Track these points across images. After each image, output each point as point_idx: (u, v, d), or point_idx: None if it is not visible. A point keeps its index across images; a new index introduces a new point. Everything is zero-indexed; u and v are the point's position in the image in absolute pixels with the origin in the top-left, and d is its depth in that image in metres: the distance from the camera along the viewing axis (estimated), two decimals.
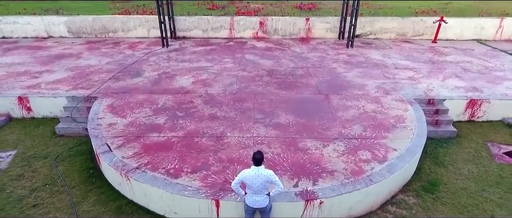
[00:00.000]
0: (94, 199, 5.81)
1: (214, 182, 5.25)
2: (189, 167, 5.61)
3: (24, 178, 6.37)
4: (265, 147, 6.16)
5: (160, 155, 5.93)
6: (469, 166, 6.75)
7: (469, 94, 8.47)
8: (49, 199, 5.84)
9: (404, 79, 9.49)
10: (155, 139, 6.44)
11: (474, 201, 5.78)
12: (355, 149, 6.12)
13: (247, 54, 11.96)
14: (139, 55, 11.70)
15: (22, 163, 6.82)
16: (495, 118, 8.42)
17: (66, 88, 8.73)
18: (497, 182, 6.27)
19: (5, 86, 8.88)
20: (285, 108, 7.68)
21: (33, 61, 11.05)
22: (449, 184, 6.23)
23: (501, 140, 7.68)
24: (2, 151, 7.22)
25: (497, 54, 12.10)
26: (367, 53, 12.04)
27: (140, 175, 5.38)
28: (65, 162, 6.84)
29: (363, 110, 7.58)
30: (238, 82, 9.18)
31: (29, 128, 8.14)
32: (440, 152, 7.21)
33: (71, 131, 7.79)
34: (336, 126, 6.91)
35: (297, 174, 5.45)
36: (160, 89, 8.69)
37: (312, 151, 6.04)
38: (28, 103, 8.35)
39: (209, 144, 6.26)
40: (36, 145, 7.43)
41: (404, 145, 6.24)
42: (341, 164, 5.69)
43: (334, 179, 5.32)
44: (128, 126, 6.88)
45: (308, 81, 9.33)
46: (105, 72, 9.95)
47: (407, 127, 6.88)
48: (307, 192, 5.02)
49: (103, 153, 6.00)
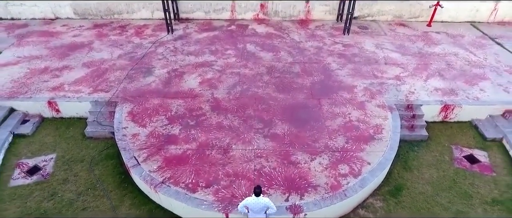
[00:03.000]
0: (129, 203, 7.39)
1: (223, 196, 6.75)
2: (203, 181, 7.06)
3: (69, 182, 7.90)
4: (263, 161, 7.54)
5: (179, 169, 7.35)
6: (431, 170, 8.20)
7: (445, 98, 9.58)
8: (94, 202, 7.43)
9: (391, 79, 10.48)
10: (173, 151, 7.80)
11: (427, 205, 7.35)
12: (336, 162, 7.51)
13: (248, 43, 12.70)
14: (147, 45, 12.48)
15: (64, 166, 8.30)
16: (465, 119, 9.64)
17: (87, 91, 9.84)
18: (450, 186, 7.78)
19: (33, 88, 9.97)
20: (281, 116, 8.88)
21: (50, 54, 11.89)
22: (411, 188, 7.75)
23: (465, 143, 9.02)
24: (44, 154, 8.66)
25: (485, 44, 12.79)
26: (362, 43, 12.75)
27: (166, 189, 6.87)
28: (99, 166, 8.32)
29: (348, 118, 8.79)
30: (241, 83, 10.21)
31: (61, 129, 9.46)
32: (410, 155, 8.61)
33: (98, 134, 9.13)
34: (324, 137, 8.20)
35: (288, 188, 6.92)
36: (171, 92, 9.79)
37: (302, 165, 7.44)
38: (56, 106, 9.55)
39: (218, 157, 7.63)
40: (71, 148, 8.83)
41: (377, 158, 7.61)
42: (324, 178, 7.13)
43: (317, 193, 6.80)
44: (149, 137, 8.19)
45: (303, 81, 10.34)
46: (119, 70, 10.92)
47: (383, 138, 8.17)
48: (295, 206, 6.53)
49: (133, 166, 7.42)
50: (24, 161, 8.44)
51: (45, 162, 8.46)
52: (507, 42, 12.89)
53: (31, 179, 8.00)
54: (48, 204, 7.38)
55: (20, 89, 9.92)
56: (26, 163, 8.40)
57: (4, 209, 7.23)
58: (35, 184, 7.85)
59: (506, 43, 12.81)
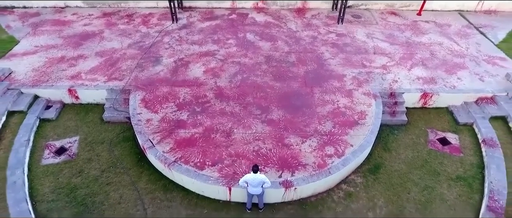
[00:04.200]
0: (146, 179, 8.65)
1: (227, 173, 7.98)
2: (209, 160, 8.28)
3: (93, 161, 9.13)
4: (261, 143, 8.72)
5: (188, 150, 8.54)
6: (407, 151, 9.40)
7: (425, 86, 10.64)
8: (116, 178, 8.68)
9: (378, 68, 11.48)
10: (182, 135, 8.97)
11: (400, 181, 8.60)
12: (324, 144, 8.69)
13: (248, 32, 13.59)
14: (154, 35, 13.39)
15: (87, 147, 9.51)
16: (442, 105, 10.73)
17: (103, 79, 10.90)
18: (422, 165, 9.00)
19: (53, 77, 11.03)
20: (277, 103, 9.99)
21: (64, 43, 12.84)
22: (388, 167, 8.98)
23: (440, 127, 10.17)
24: (69, 137, 9.85)
25: (469, 33, 13.67)
26: (354, 32, 13.64)
27: (178, 167, 8.09)
28: (117, 147, 9.52)
29: (336, 105, 9.90)
30: (241, 72, 11.24)
31: (81, 114, 10.60)
32: (390, 138, 9.79)
33: (115, 119, 10.27)
34: (314, 122, 9.34)
35: (281, 167, 8.14)
36: (178, 80, 10.85)
37: (294, 147, 8.63)
38: (76, 93, 10.64)
39: (221, 140, 8.81)
40: (91, 131, 10.01)
41: (359, 141, 8.78)
42: (312, 158, 8.33)
43: (306, 171, 8.03)
44: (161, 122, 9.33)
45: (298, 70, 11.36)
46: (129, 59, 11.92)
47: (365, 123, 9.31)
48: (287, 182, 7.77)
49: (149, 148, 8.61)
50: (52, 142, 9.65)
51: (70, 143, 9.66)
52: (490, 31, 13.77)
53: (59, 158, 9.23)
54: (76, 179, 8.65)
55: (41, 78, 10.99)
56: (54, 144, 9.61)
57: (41, 184, 8.50)
58: (63, 163, 9.09)
59: (489, 32, 13.70)
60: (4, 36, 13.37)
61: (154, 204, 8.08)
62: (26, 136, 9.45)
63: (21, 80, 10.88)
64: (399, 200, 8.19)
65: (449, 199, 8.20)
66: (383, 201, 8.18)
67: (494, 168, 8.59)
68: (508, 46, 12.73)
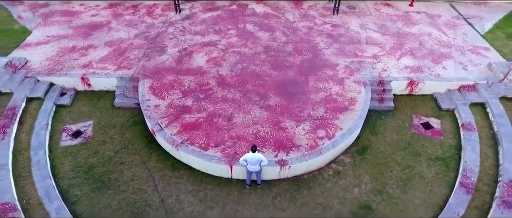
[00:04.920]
0: (156, 159, 9.59)
1: (228, 153, 8.91)
2: (212, 142, 9.20)
3: (107, 143, 10.06)
4: (259, 127, 9.62)
5: (193, 133, 9.45)
6: (393, 134, 10.31)
7: (411, 75, 11.46)
8: (128, 158, 9.63)
9: (369, 57, 12.27)
10: (188, 119, 9.86)
11: (385, 161, 9.54)
12: (316, 128, 9.59)
13: (248, 23, 14.31)
14: (158, 25, 14.13)
15: (101, 131, 10.42)
16: (427, 92, 11.57)
17: (113, 68, 11.72)
18: (405, 147, 9.92)
19: (66, 66, 11.84)
20: (274, 90, 10.84)
21: (74, 33, 13.59)
22: (374, 148, 9.90)
23: (424, 113, 11.04)
24: (83, 121, 10.75)
25: (457, 24, 14.38)
26: (348, 23, 14.36)
27: (184, 148, 9.02)
28: (128, 131, 10.44)
29: (329, 92, 10.75)
30: (241, 61, 12.04)
31: (93, 100, 11.47)
32: (378, 122, 10.68)
33: (125, 105, 11.14)
34: (308, 108, 10.21)
35: (278, 147, 9.06)
36: (183, 69, 11.66)
37: (289, 130, 9.53)
38: (88, 81, 11.48)
39: (223, 124, 9.71)
40: (104, 116, 10.91)
41: (348, 125, 9.67)
42: (305, 140, 9.25)
43: (299, 151, 8.95)
44: (168, 108, 10.21)
45: (294, 59, 12.16)
46: (136, 49, 12.70)
47: (355, 109, 10.18)
48: (282, 160, 8.70)
49: (158, 131, 9.52)
50: (68, 126, 10.56)
51: (85, 127, 10.57)
52: (478, 22, 14.49)
53: (76, 140, 10.16)
54: (93, 159, 9.60)
55: (56, 67, 11.81)
56: (70, 128, 10.52)
57: (61, 163, 9.45)
58: (80, 145, 10.02)
59: (477, 23, 14.42)
60: (17, 27, 14.13)
61: (164, 180, 9.05)
62: (45, 120, 10.36)
63: (37, 69, 11.71)
64: (382, 177, 9.15)
65: (427, 177, 9.15)
66: (368, 178, 9.14)
67: (470, 149, 9.52)
68: (493, 37, 13.49)
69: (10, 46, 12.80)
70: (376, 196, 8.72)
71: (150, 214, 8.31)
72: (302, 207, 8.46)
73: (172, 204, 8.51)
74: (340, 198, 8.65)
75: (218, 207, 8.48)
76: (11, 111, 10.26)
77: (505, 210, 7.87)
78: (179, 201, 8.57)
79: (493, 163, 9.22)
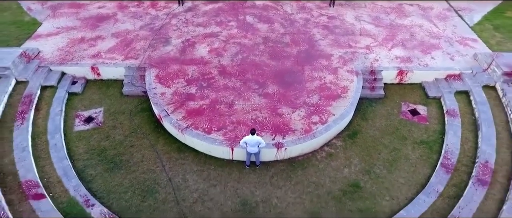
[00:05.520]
0: (163, 142, 10.42)
1: (230, 136, 9.72)
2: (215, 127, 10.00)
3: (117, 128, 10.87)
4: (258, 113, 10.41)
5: (197, 118, 10.25)
6: (382, 120, 11.11)
7: (401, 65, 12.18)
8: (137, 141, 10.45)
9: (362, 48, 12.98)
10: (192, 106, 10.65)
11: (373, 144, 10.36)
12: (310, 114, 10.37)
13: (248, 15, 14.97)
14: (162, 17, 14.80)
15: (111, 117, 11.22)
16: (416, 81, 12.31)
17: (120, 58, 12.46)
18: (392, 132, 10.73)
19: (77, 56, 12.57)
20: (272, 79, 11.59)
21: (82, 25, 14.28)
22: (364, 133, 10.71)
23: (412, 100, 11.81)
24: (94, 108, 11.54)
25: (448, 16, 15.03)
26: (344, 15, 15.01)
27: (189, 132, 9.83)
28: (137, 116, 11.23)
29: (323, 81, 11.50)
30: (241, 52, 12.76)
31: (103, 89, 12.24)
32: (368, 109, 11.47)
33: (132, 93, 11.91)
34: (303, 95, 10.98)
35: (275, 131, 9.87)
36: (187, 59, 12.39)
37: (285, 116, 10.32)
38: (98, 71, 12.23)
39: (225, 110, 10.50)
40: (113, 103, 11.69)
41: (340, 111, 10.45)
42: (300, 125, 10.05)
43: (295, 135, 9.76)
44: (174, 95, 10.98)
45: (291, 50, 12.88)
46: (142, 40, 13.40)
47: (347, 96, 10.95)
48: (279, 143, 9.52)
49: (164, 116, 10.32)
50: (80, 112, 11.35)
51: (96, 113, 11.37)
52: (468, 14, 15.13)
53: (88, 126, 10.97)
54: (105, 143, 10.42)
55: (66, 57, 12.54)
56: (82, 114, 11.32)
57: (76, 146, 10.28)
58: (92, 129, 10.84)
59: (467, 15, 15.06)
60: (27, 18, 14.81)
61: (171, 162, 9.89)
62: (59, 107, 11.15)
63: (49, 59, 12.44)
64: (370, 159, 9.99)
65: (412, 159, 9.99)
66: (357, 160, 9.97)
67: (452, 133, 10.33)
68: (481, 29, 14.16)
69: (23, 37, 13.51)
70: (364, 176, 9.57)
71: (159, 191, 9.18)
72: (296, 185, 9.32)
73: (178, 182, 9.37)
74: (332, 177, 9.51)
75: (220, 185, 9.34)
76: (28, 98, 11.05)
77: (479, 187, 8.72)
78: (185, 180, 9.43)
79: (473, 146, 10.04)
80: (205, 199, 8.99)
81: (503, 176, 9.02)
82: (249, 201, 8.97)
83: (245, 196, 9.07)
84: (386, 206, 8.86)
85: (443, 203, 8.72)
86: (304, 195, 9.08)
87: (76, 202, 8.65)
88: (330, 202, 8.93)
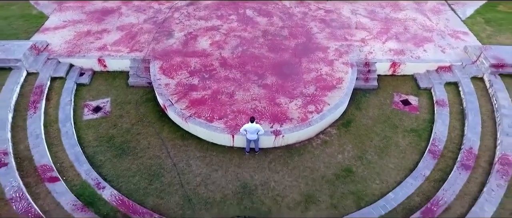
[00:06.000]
0: (167, 130, 11.05)
1: (230, 124, 10.34)
2: (217, 116, 10.61)
3: (124, 117, 11.48)
4: (257, 103, 11.01)
5: (200, 107, 10.86)
6: (375, 110, 11.71)
7: (394, 57, 12.73)
8: (143, 129, 11.08)
9: (357, 41, 13.52)
10: (195, 96, 11.25)
11: (366, 132, 10.98)
12: (307, 103, 10.97)
13: (248, 9, 15.46)
14: (165, 11, 15.30)
15: (118, 107, 11.83)
16: (408, 73, 12.88)
17: (126, 51, 13.02)
18: (384, 120, 11.34)
19: (84, 48, 13.13)
20: (271, 70, 12.16)
21: (88, 18, 14.80)
22: (358, 121, 11.33)
23: (404, 91, 12.40)
24: (102, 98, 12.13)
25: (441, 10, 15.52)
26: (341, 8, 15.51)
27: (192, 120, 10.45)
28: (142, 106, 11.84)
29: (319, 73, 12.07)
30: (241, 45, 13.30)
31: (109, 80, 12.82)
32: (362, 100, 12.06)
33: (138, 84, 12.50)
34: (300, 86, 11.56)
35: (273, 120, 10.49)
36: (189, 52, 12.95)
37: (283, 105, 10.92)
38: (104, 62, 12.79)
39: (226, 100, 11.10)
40: (119, 94, 12.28)
41: (335, 101, 11.05)
42: (297, 114, 10.66)
43: (292, 123, 10.37)
44: (177, 86, 11.57)
45: (289, 43, 13.42)
46: (146, 33, 13.94)
47: (341, 87, 11.53)
48: (276, 131, 10.14)
49: (169, 106, 10.92)
50: (89, 102, 11.96)
51: (103, 103, 11.97)
52: (461, 8, 15.62)
53: (97, 115, 11.58)
54: (113, 131, 11.05)
55: (74, 49, 13.09)
56: (91, 104, 11.93)
57: (85, 134, 10.91)
58: (101, 118, 11.45)
59: (460, 9, 15.55)
60: (34, 12, 15.31)
61: (175, 148, 10.54)
62: (68, 97, 11.75)
63: (57, 51, 13.00)
64: (363, 146, 10.63)
65: (402, 145, 10.62)
66: (350, 147, 10.61)
67: (440, 122, 10.95)
68: (473, 22, 14.67)
69: (31, 30, 14.05)
70: (357, 161, 10.21)
71: (164, 175, 9.83)
72: (293, 169, 9.97)
73: (183, 167, 10.02)
74: (326, 163, 10.15)
75: (222, 169, 9.99)
76: (39, 89, 11.64)
77: (462, 171, 9.37)
78: (188, 165, 10.08)
79: (459, 133, 10.66)
80: (207, 182, 9.66)
81: (485, 161, 9.67)
82: (248, 184, 9.63)
83: (245, 179, 9.73)
84: (376, 189, 9.52)
85: (429, 186, 9.38)
86: (300, 179, 9.74)
87: (88, 185, 9.32)
88: (324, 185, 9.59)
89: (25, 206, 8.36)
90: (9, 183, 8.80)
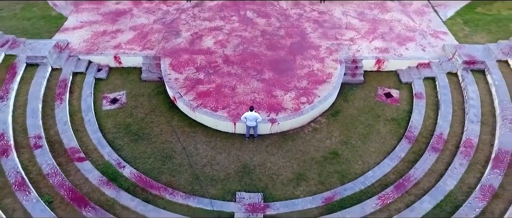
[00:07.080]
0: (177, 119, 12.57)
1: (233, 113, 11.85)
2: (221, 106, 12.12)
3: (138, 107, 13.00)
4: (256, 95, 12.51)
5: (206, 99, 12.36)
6: (360, 102, 13.20)
7: (379, 55, 14.20)
8: (156, 118, 12.60)
9: (346, 40, 14.98)
10: (201, 89, 12.75)
11: (352, 121, 12.48)
12: (299, 96, 12.47)
13: (248, 10, 16.93)
14: (172, 12, 16.79)
15: (132, 99, 13.34)
16: (392, 69, 14.35)
17: (138, 49, 14.52)
18: (368, 111, 12.84)
19: (101, 47, 14.63)
20: (268, 67, 13.65)
21: (103, 19, 16.28)
22: (345, 112, 12.82)
23: (387, 85, 13.87)
24: (118, 91, 13.65)
25: (425, 11, 16.96)
26: (333, 10, 16.96)
27: (199, 110, 11.96)
28: (154, 98, 13.35)
29: (311, 69, 13.55)
30: (242, 43, 14.78)
31: (124, 75, 14.33)
32: (349, 93, 13.55)
33: (150, 78, 14.01)
34: (294, 81, 13.05)
35: (269, 110, 11.99)
36: (195, 50, 14.44)
37: (278, 97, 12.42)
38: (119, 59, 14.29)
39: (229, 93, 12.60)
40: (134, 87, 13.79)
41: (325, 94, 12.54)
42: (291, 104, 12.16)
43: (286, 113, 11.88)
44: (185, 80, 13.07)
45: (285, 42, 14.90)
46: (156, 33, 15.43)
47: (331, 81, 13.01)
48: (273, 119, 11.65)
49: (178, 97, 12.43)
50: (107, 95, 13.47)
51: (120, 96, 13.48)
52: (443, 9, 17.04)
53: (114, 106, 13.11)
54: (129, 119, 12.57)
55: (92, 48, 14.60)
56: (108, 96, 13.44)
57: (105, 122, 12.44)
58: (118, 109, 12.97)
59: (442, 10, 16.97)
60: (54, 14, 16.80)
61: (184, 134, 12.06)
62: (89, 90, 13.27)
63: (77, 49, 14.50)
64: (348, 133, 12.13)
65: (382, 132, 12.12)
66: (337, 133, 12.12)
67: (417, 112, 12.44)
68: (452, 23, 16.10)
69: (53, 30, 15.55)
70: (342, 146, 11.73)
71: (175, 157, 11.36)
72: (287, 152, 11.49)
73: (191, 150, 11.55)
74: (315, 147, 11.67)
75: (225, 152, 11.52)
76: (63, 83, 13.16)
77: (432, 153, 10.88)
78: (196, 149, 11.61)
79: (433, 122, 12.15)
80: (213, 163, 11.18)
81: (452, 144, 11.18)
82: (248, 164, 11.16)
83: (245, 161, 11.26)
84: (358, 168, 11.04)
85: (403, 165, 10.90)
86: (292, 160, 11.26)
87: (110, 164, 10.86)
88: (313, 166, 11.11)
89: (60, 180, 9.91)
90: (45, 161, 10.36)
